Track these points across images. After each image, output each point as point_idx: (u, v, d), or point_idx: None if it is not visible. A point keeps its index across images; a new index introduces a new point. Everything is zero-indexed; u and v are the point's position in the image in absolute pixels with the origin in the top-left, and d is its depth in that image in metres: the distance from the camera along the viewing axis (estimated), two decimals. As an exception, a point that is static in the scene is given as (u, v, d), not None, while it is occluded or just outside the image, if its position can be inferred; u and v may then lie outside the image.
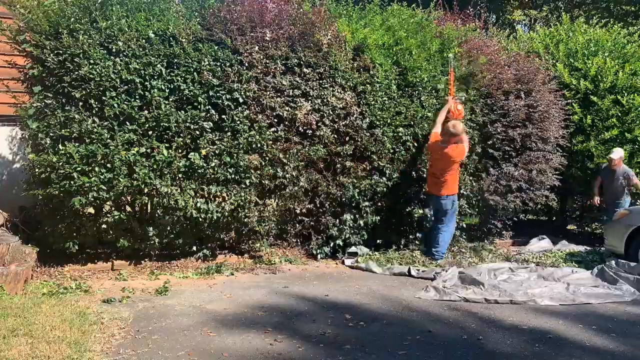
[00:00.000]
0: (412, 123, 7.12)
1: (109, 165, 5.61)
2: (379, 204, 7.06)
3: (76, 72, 5.60)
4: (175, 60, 5.98)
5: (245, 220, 6.33)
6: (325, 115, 6.61)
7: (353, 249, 7.04)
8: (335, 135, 6.76)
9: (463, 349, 4.27)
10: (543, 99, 7.98)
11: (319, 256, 6.97)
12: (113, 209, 5.94)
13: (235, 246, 6.89)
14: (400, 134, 7.03)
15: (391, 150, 7.01)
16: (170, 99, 5.95)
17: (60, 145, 5.57)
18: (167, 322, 4.56)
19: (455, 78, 7.25)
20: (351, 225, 6.98)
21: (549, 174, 8.01)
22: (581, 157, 8.74)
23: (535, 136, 7.84)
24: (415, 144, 7.19)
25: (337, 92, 6.68)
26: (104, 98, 5.68)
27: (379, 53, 7.05)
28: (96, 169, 5.57)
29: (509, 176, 7.65)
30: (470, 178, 7.56)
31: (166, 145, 5.88)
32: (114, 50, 5.77)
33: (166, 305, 5.01)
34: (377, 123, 6.88)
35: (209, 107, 6.08)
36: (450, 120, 6.88)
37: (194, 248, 6.48)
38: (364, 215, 7.01)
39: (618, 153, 8.09)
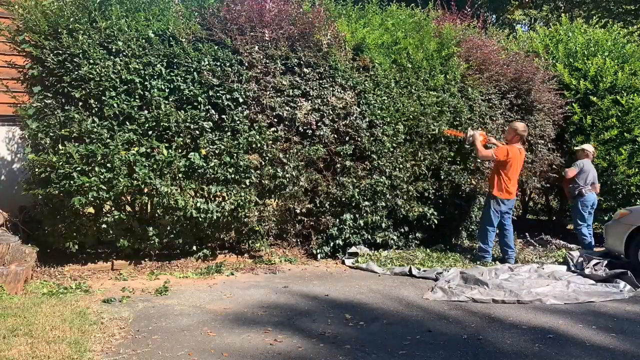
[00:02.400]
0: (411, 122, 7.12)
1: (108, 165, 5.61)
2: (379, 203, 7.06)
3: (76, 72, 5.60)
4: (175, 60, 5.98)
5: (245, 220, 6.33)
6: (325, 115, 6.61)
7: (353, 249, 7.04)
8: (335, 135, 6.75)
9: (463, 348, 4.27)
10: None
11: (319, 256, 6.97)
12: (113, 208, 5.94)
13: (235, 246, 6.89)
14: (400, 133, 7.03)
15: (391, 150, 7.01)
16: (170, 99, 5.95)
17: (60, 145, 5.58)
18: (167, 322, 4.56)
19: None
20: (351, 225, 6.97)
21: None
22: (581, 157, 8.74)
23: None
24: (415, 144, 7.19)
25: (337, 91, 6.68)
26: (103, 98, 5.68)
27: (378, 52, 7.06)
28: (96, 168, 5.57)
29: None
30: None
31: (166, 145, 5.88)
32: (113, 50, 5.77)
33: (166, 305, 5.01)
34: (377, 122, 6.88)
35: (209, 107, 6.08)
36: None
37: (194, 248, 6.48)
38: (364, 215, 7.01)
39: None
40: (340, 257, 7.01)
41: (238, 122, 6.14)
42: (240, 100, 6.18)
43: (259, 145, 6.21)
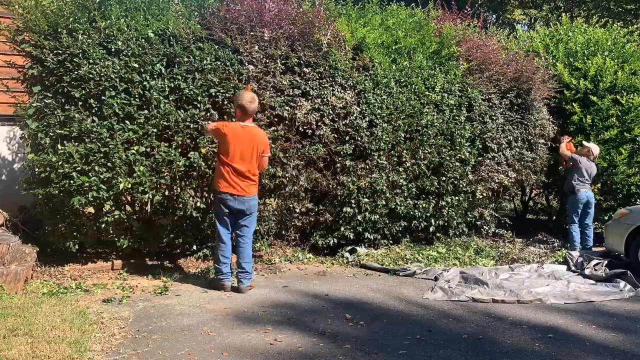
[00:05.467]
0: (411, 121, 7.12)
1: (108, 164, 5.61)
2: (379, 202, 7.05)
3: (75, 72, 5.59)
4: (175, 59, 5.98)
5: (245, 219, 6.31)
6: (325, 114, 6.61)
7: (353, 248, 7.03)
8: (335, 135, 6.75)
9: (463, 348, 4.27)
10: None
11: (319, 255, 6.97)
12: (113, 208, 5.94)
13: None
14: (400, 133, 7.03)
15: (390, 149, 7.00)
16: (170, 98, 5.95)
17: (59, 145, 5.56)
18: (167, 322, 4.56)
19: None
20: (351, 224, 6.96)
21: None
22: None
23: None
24: (415, 143, 7.19)
25: (337, 91, 6.68)
26: (103, 97, 5.67)
27: (378, 52, 7.06)
28: (96, 168, 5.57)
29: None
30: None
31: (166, 144, 5.88)
32: (113, 49, 5.76)
33: (166, 305, 5.01)
34: (377, 122, 6.88)
35: (209, 106, 6.08)
36: None
37: (194, 248, 6.47)
38: (364, 214, 7.00)
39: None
40: (340, 257, 7.00)
41: (238, 121, 6.13)
42: (240, 99, 6.17)
43: (259, 144, 6.20)
